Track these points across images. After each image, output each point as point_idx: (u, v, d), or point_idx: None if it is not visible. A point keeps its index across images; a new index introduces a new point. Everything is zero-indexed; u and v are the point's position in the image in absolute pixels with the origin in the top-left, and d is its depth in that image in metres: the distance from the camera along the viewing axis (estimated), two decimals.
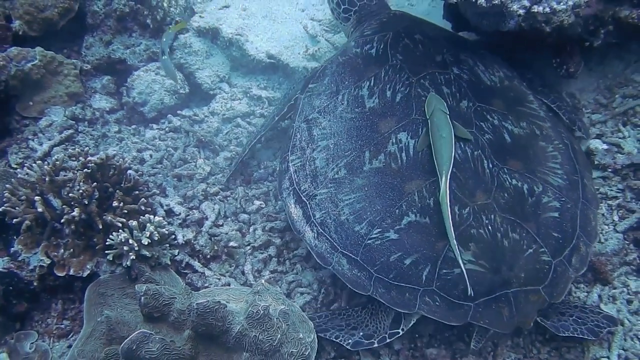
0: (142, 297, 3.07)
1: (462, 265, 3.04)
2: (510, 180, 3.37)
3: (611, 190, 3.90)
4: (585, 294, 3.59)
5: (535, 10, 2.85)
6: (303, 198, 3.59)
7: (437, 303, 3.16)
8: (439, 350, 3.42)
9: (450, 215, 3.10)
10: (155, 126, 4.70)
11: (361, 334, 3.34)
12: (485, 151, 3.42)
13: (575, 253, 3.32)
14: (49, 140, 4.36)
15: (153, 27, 4.94)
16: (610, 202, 3.87)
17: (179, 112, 4.73)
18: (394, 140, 3.49)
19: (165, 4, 4.91)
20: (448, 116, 3.39)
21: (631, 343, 3.35)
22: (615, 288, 3.59)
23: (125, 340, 2.80)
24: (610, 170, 3.94)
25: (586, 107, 4.29)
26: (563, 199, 3.40)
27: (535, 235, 3.25)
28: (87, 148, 3.96)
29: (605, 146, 4.01)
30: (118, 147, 4.42)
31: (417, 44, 3.88)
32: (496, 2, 2.92)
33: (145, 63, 4.92)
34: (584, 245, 3.36)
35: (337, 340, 3.33)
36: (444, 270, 3.16)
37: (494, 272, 3.12)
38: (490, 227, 3.21)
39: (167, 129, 4.66)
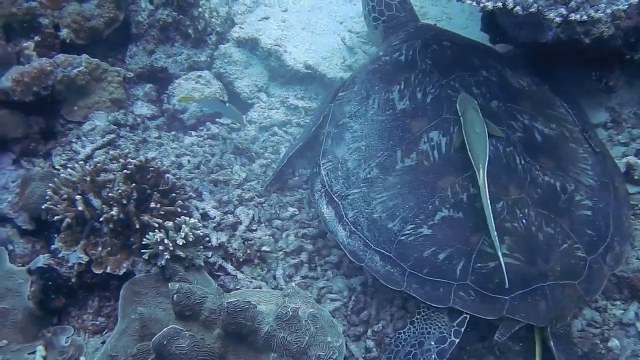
0: (175, 295, 3.12)
1: (501, 257, 3.02)
2: (542, 177, 3.38)
3: None
4: (622, 311, 3.51)
5: (573, 18, 2.84)
6: (335, 198, 3.66)
7: (471, 297, 3.16)
8: None
9: (490, 208, 3.09)
10: (194, 133, 4.80)
11: (432, 342, 3.25)
12: (517, 148, 3.45)
13: (610, 251, 3.31)
14: (92, 143, 4.49)
15: (194, 37, 5.06)
16: None
17: (217, 120, 4.82)
18: (426, 139, 3.54)
19: (206, 15, 5.02)
20: (479, 113, 3.42)
21: None
22: None
23: (157, 335, 2.86)
24: None
25: (626, 121, 4.24)
26: (595, 198, 3.41)
27: (569, 231, 3.24)
28: (127, 151, 4.05)
29: None
30: (157, 152, 4.51)
31: (445, 50, 3.95)
32: (533, 9, 2.92)
33: (185, 72, 5.03)
34: (618, 245, 3.36)
35: None
36: (479, 264, 3.17)
37: (530, 264, 3.12)
38: (524, 221, 3.22)
39: (205, 136, 4.75)
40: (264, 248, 3.90)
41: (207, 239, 3.82)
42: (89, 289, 3.83)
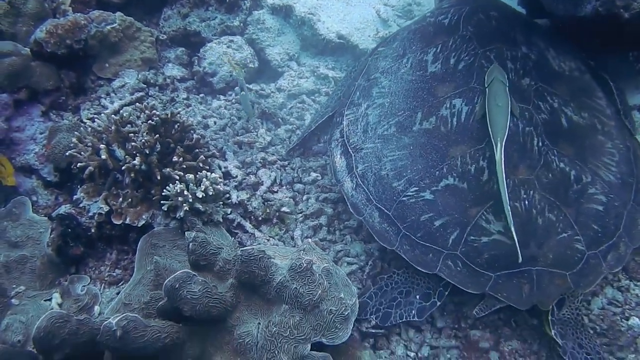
0: (191, 244, 3.10)
1: (514, 233, 2.98)
2: (557, 162, 3.28)
3: None
4: None
5: None
6: (350, 150, 3.64)
7: (458, 268, 3.15)
8: (483, 332, 3.33)
9: (505, 183, 3.04)
10: (222, 97, 4.80)
11: (418, 297, 3.32)
12: (537, 129, 3.35)
13: (613, 250, 3.21)
14: (120, 100, 4.52)
15: (229, 2, 5.05)
16: None
17: (247, 85, 4.81)
18: (448, 105, 3.48)
19: None
20: (507, 88, 3.34)
21: None
22: None
23: (169, 278, 2.83)
24: None
25: None
26: (611, 195, 3.29)
27: (572, 221, 3.16)
28: (153, 103, 4.06)
29: None
30: (185, 112, 4.51)
31: (490, 20, 3.84)
32: None
33: (218, 36, 5.03)
34: (624, 246, 3.24)
35: (404, 320, 3.29)
36: (472, 237, 3.14)
37: (522, 246, 3.03)
38: (526, 202, 3.15)
39: (233, 100, 4.74)
40: (283, 209, 3.87)
41: (228, 195, 3.81)
42: (108, 241, 3.86)
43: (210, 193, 3.58)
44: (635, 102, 4.16)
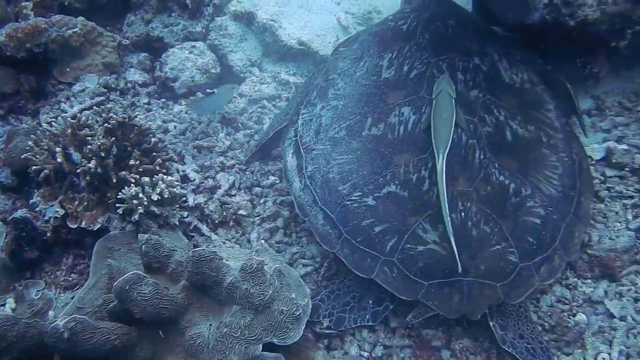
0: (144, 246, 3.11)
1: (453, 243, 3.04)
2: (497, 175, 3.33)
3: (627, 189, 3.81)
4: (592, 289, 3.49)
5: None
6: (302, 150, 3.67)
7: (393, 274, 3.19)
8: (435, 331, 3.37)
9: (446, 194, 3.10)
10: (183, 102, 4.80)
11: (371, 301, 3.35)
12: (480, 142, 3.41)
13: (547, 263, 3.26)
14: (80, 104, 4.52)
15: (192, 8, 5.08)
16: (625, 201, 3.77)
17: (208, 90, 4.82)
18: (397, 113, 3.53)
19: None
20: (453, 100, 3.39)
21: (634, 341, 3.24)
22: (623, 285, 3.48)
23: (119, 279, 2.83)
24: (627, 169, 3.85)
25: (610, 109, 4.23)
26: (550, 208, 3.33)
27: (507, 234, 3.20)
28: (110, 106, 4.07)
29: (624, 146, 3.92)
30: (144, 117, 4.53)
31: (447, 29, 3.90)
32: None
33: (180, 42, 5.06)
34: (559, 259, 3.29)
35: (358, 324, 3.33)
36: (408, 245, 3.19)
37: (454, 257, 3.08)
38: (463, 214, 3.20)
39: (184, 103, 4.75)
40: (240, 212, 3.90)
41: (184, 198, 3.83)
42: (65, 245, 3.85)
43: (166, 196, 3.60)
44: (584, 106, 4.31)
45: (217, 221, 3.86)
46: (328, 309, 3.37)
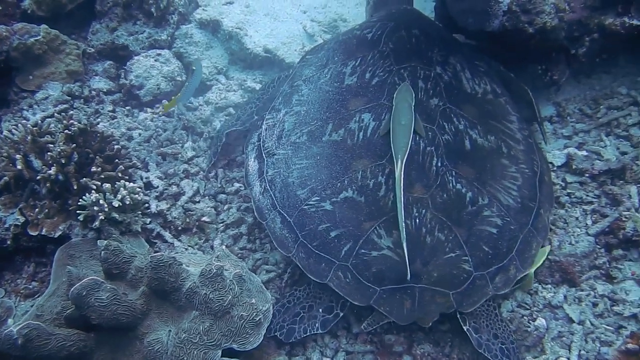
0: (103, 252, 3.09)
1: (405, 250, 3.06)
2: (454, 184, 3.37)
3: (587, 195, 3.88)
4: (552, 294, 3.54)
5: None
6: (263, 154, 3.70)
7: (347, 280, 3.22)
8: (397, 337, 3.39)
9: (402, 200, 3.12)
10: (149, 110, 4.80)
11: (321, 310, 3.35)
12: (439, 149, 3.45)
13: (502, 272, 3.29)
14: (43, 111, 4.48)
15: (156, 16, 5.07)
16: (585, 206, 3.85)
17: (173, 97, 4.82)
18: (357, 119, 3.58)
19: None
20: (412, 107, 3.44)
21: (592, 345, 3.29)
22: (582, 290, 3.54)
23: (76, 285, 2.82)
24: (587, 175, 3.92)
25: (571, 116, 4.31)
26: (507, 218, 3.37)
27: (462, 242, 3.23)
28: (71, 113, 4.05)
29: (584, 152, 4.00)
30: (108, 124, 4.51)
31: (411, 38, 3.95)
32: None
33: (146, 50, 5.05)
34: (514, 269, 3.33)
35: (307, 334, 3.31)
36: (363, 251, 3.21)
37: (408, 263, 3.11)
38: (417, 221, 3.23)
39: (160, 112, 4.75)
40: (203, 218, 3.90)
41: (147, 205, 3.81)
42: (26, 254, 3.81)
43: (128, 202, 3.58)
44: (546, 113, 4.39)
45: (180, 228, 3.86)
46: (279, 323, 3.35)
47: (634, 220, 3.62)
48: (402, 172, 3.19)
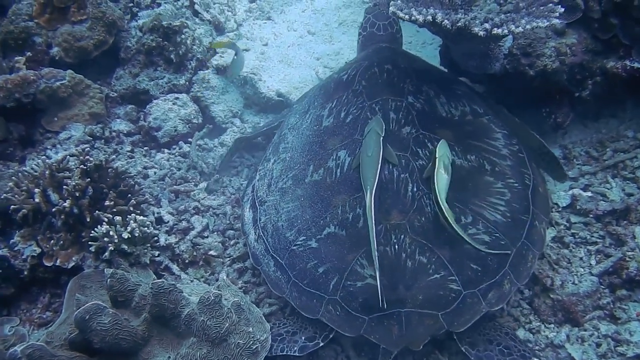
0: (109, 280, 3.21)
1: (378, 278, 3.12)
2: (432, 207, 3.38)
3: (592, 236, 3.89)
4: (554, 333, 3.53)
5: (495, 32, 3.01)
6: (256, 203, 3.87)
7: (337, 312, 3.29)
8: None
9: (374, 230, 3.18)
10: (166, 150, 4.98)
11: (303, 337, 3.42)
12: (413, 175, 3.51)
13: (495, 289, 3.30)
14: (65, 150, 4.69)
15: (176, 62, 5.33)
16: (589, 247, 3.86)
17: (190, 139, 5.02)
18: (334, 157, 3.70)
19: (188, 42, 5.31)
20: (381, 138, 3.51)
21: None
22: (585, 330, 3.53)
23: (79, 309, 2.94)
24: (592, 216, 3.94)
25: (577, 158, 4.35)
26: (496, 234, 3.39)
27: (447, 263, 3.26)
28: (87, 149, 4.22)
29: (589, 193, 4.03)
30: (126, 162, 4.69)
31: (383, 73, 4.02)
32: (460, 24, 3.09)
33: (165, 94, 5.27)
34: (509, 284, 3.34)
35: (283, 353, 3.38)
36: (349, 282, 3.29)
37: (391, 289, 3.18)
38: (396, 247, 3.29)
39: (177, 153, 4.93)
40: (210, 252, 4.01)
41: (156, 238, 3.94)
42: (42, 284, 3.94)
43: (137, 235, 3.71)
44: None
45: (187, 261, 3.97)
46: None
47: (637, 260, 3.62)
48: (372, 202, 3.24)
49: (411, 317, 3.18)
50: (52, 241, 3.83)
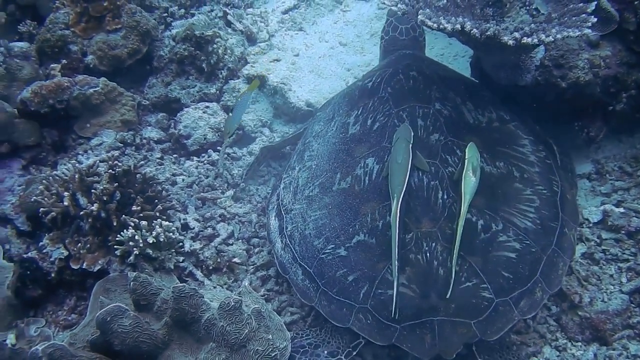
0: (132, 283, 3.23)
1: (395, 286, 3.11)
2: None
3: (623, 253, 3.79)
4: (582, 351, 3.45)
5: (525, 41, 2.96)
6: (282, 212, 3.85)
7: (368, 321, 3.24)
8: None
9: (397, 238, 3.17)
10: (195, 158, 5.01)
11: (326, 352, 3.40)
12: (443, 182, 3.49)
13: (527, 296, 3.26)
14: (96, 156, 4.76)
15: (207, 71, 5.38)
16: (621, 264, 3.75)
17: (219, 148, 5.04)
18: (362, 165, 3.67)
19: (220, 51, 5.36)
20: (410, 145, 3.49)
21: None
22: (614, 349, 3.43)
23: (101, 311, 2.96)
24: (624, 232, 3.84)
25: (610, 173, 4.25)
26: (527, 242, 3.36)
27: (479, 270, 3.23)
28: (116, 155, 4.30)
29: (621, 209, 3.93)
30: (155, 169, 4.73)
31: (409, 80, 4.01)
32: (489, 33, 3.05)
33: (196, 103, 5.32)
34: (541, 291, 3.29)
35: None
36: (379, 291, 3.26)
37: (423, 297, 3.16)
38: (428, 254, 3.26)
39: (205, 161, 4.96)
40: (234, 259, 4.02)
41: (181, 244, 3.96)
42: (69, 287, 4.02)
43: (162, 239, 3.74)
44: (584, 170, 4.33)
45: (211, 267, 3.98)
46: None
47: None
48: (398, 210, 3.23)
49: (444, 325, 3.14)
50: (79, 244, 3.89)
